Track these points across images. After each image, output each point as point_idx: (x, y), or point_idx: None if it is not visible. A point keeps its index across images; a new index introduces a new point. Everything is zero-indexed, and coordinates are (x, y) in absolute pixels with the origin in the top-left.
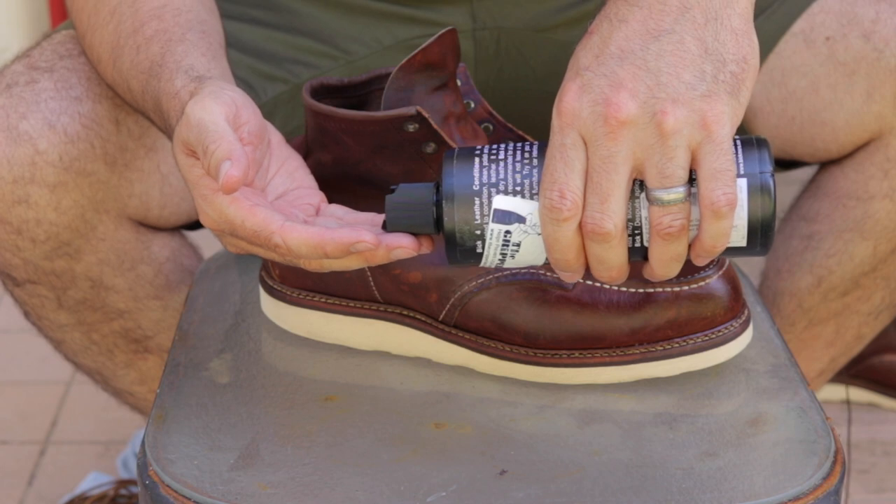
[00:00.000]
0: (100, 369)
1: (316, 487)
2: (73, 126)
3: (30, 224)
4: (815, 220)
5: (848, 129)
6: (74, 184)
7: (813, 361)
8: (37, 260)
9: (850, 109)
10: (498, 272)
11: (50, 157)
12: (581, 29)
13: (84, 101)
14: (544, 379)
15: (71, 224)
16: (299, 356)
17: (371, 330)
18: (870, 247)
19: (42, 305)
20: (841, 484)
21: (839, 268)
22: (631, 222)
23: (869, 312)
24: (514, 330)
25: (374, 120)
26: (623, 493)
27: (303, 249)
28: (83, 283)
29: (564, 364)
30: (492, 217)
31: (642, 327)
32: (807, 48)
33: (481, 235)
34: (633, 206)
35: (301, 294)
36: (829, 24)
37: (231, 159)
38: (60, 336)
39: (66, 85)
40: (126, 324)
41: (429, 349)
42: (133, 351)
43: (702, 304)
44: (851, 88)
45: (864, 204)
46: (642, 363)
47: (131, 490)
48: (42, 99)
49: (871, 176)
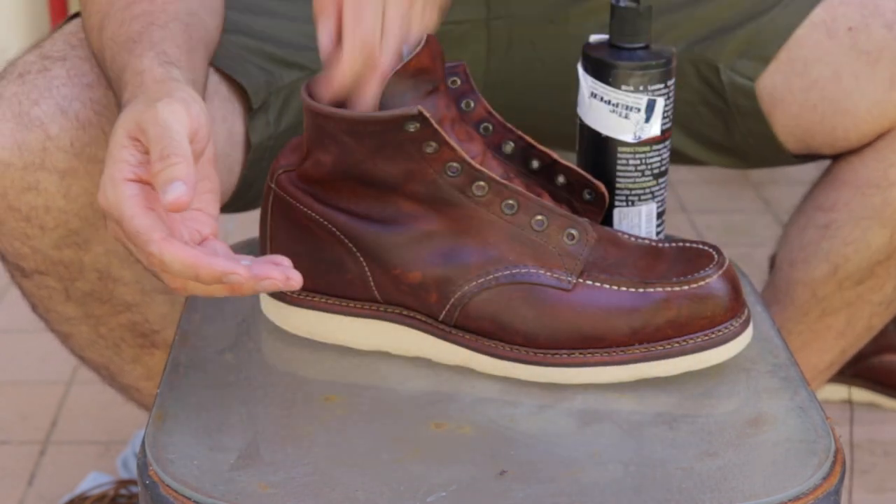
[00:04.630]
0: (107, 364)
1: (316, 487)
2: (84, 112)
3: (39, 211)
4: (832, 209)
5: (870, 118)
6: (85, 170)
7: (824, 353)
8: (45, 249)
9: (872, 98)
10: (497, 272)
11: (61, 142)
12: (594, 21)
13: (96, 87)
14: (544, 379)
15: (80, 212)
16: (299, 356)
17: (371, 330)
18: (887, 234)
19: (50, 297)
20: (841, 484)
21: (856, 255)
22: None
23: (880, 302)
24: (514, 330)
25: (376, 120)
26: (623, 493)
27: (175, 266)
28: (91, 274)
29: (564, 364)
30: None
31: (642, 327)
32: (828, 38)
33: None
34: None
35: (301, 294)
36: (851, 14)
37: (186, 183)
38: (68, 329)
39: (78, 72)
40: (133, 317)
41: (429, 349)
42: (140, 346)
43: (702, 304)
44: (874, 77)
45: (883, 191)
46: (642, 363)
47: (131, 490)
48: (54, 85)
49: (891, 164)
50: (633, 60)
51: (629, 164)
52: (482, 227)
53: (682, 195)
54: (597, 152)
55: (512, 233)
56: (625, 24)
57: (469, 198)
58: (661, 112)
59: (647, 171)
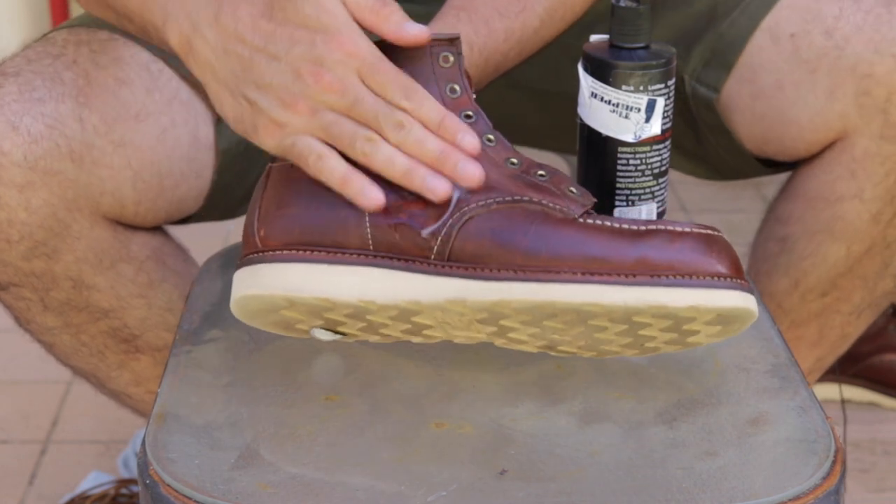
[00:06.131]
0: (93, 371)
1: (316, 487)
2: (35, 126)
3: (2, 225)
4: (788, 222)
5: (813, 128)
6: (42, 182)
7: (799, 362)
8: (15, 261)
9: (814, 108)
10: (500, 197)
11: (14, 157)
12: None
13: (47, 101)
14: (543, 296)
15: (43, 223)
16: (299, 356)
17: (355, 279)
18: (843, 248)
19: (28, 309)
20: (841, 483)
21: (814, 270)
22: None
23: (850, 312)
24: (515, 247)
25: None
26: (623, 493)
27: (433, 114)
28: (64, 282)
29: (566, 280)
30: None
31: (649, 257)
32: (773, 45)
33: None
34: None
35: (283, 250)
36: (795, 19)
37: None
38: (50, 339)
39: (28, 87)
40: (112, 323)
41: (416, 290)
42: (124, 351)
43: (709, 245)
44: (814, 87)
45: (832, 205)
46: (648, 287)
47: (132, 489)
48: (5, 102)
49: (838, 176)
50: (634, 60)
51: (629, 163)
52: (489, 167)
53: (682, 195)
54: (597, 152)
55: (517, 175)
56: (625, 24)
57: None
58: (662, 112)
59: (648, 170)
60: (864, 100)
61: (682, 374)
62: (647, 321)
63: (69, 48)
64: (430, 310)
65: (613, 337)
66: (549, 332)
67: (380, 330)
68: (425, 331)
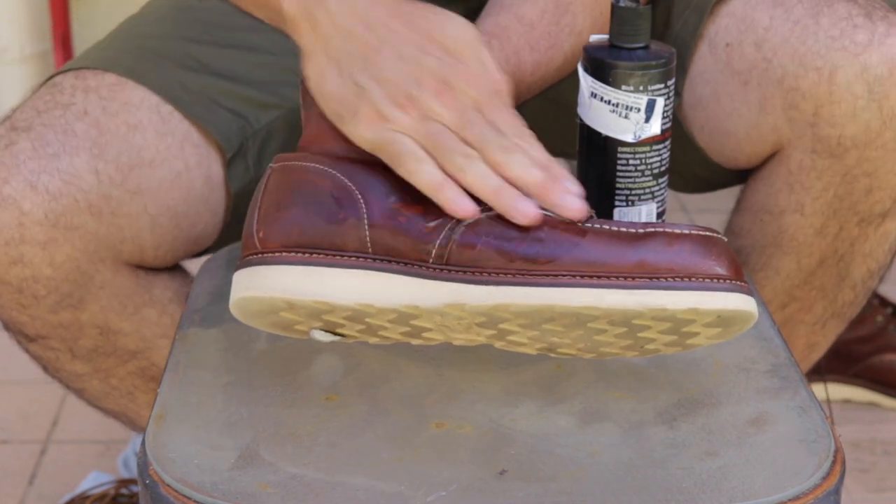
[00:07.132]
0: (124, 411)
1: (316, 487)
2: (53, 183)
3: (28, 282)
4: (739, 235)
5: (749, 141)
6: (64, 238)
7: None
8: (43, 315)
9: (748, 120)
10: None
11: (36, 216)
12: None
13: (62, 156)
14: (543, 300)
15: (68, 276)
16: (299, 356)
17: (354, 283)
18: (793, 261)
19: (57, 358)
20: (841, 483)
21: (768, 282)
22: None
23: (814, 322)
24: (513, 252)
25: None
26: (623, 493)
27: (538, 154)
28: (91, 330)
29: (565, 284)
30: None
31: (648, 260)
32: (710, 54)
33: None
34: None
35: (282, 252)
36: (731, 29)
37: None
38: (80, 385)
39: (42, 143)
40: (140, 363)
41: (414, 293)
42: (152, 390)
43: (707, 247)
44: (747, 98)
45: (777, 219)
46: (648, 289)
47: (132, 489)
48: (21, 161)
49: (778, 190)
50: (633, 60)
51: (629, 164)
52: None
53: (682, 195)
54: (597, 152)
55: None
56: (625, 24)
57: None
58: (661, 112)
59: (647, 171)
60: (792, 113)
61: (682, 374)
62: (647, 323)
63: (78, 96)
64: (428, 313)
65: (613, 339)
66: (549, 335)
67: (379, 332)
68: (424, 333)
